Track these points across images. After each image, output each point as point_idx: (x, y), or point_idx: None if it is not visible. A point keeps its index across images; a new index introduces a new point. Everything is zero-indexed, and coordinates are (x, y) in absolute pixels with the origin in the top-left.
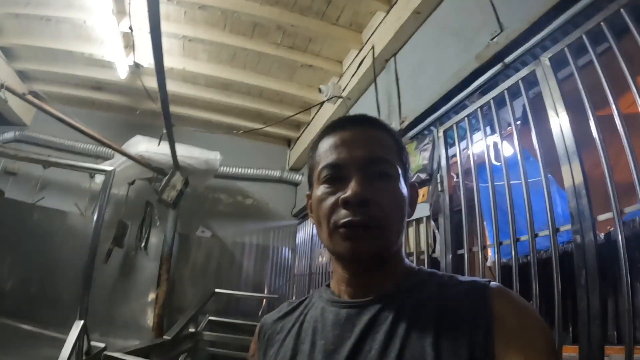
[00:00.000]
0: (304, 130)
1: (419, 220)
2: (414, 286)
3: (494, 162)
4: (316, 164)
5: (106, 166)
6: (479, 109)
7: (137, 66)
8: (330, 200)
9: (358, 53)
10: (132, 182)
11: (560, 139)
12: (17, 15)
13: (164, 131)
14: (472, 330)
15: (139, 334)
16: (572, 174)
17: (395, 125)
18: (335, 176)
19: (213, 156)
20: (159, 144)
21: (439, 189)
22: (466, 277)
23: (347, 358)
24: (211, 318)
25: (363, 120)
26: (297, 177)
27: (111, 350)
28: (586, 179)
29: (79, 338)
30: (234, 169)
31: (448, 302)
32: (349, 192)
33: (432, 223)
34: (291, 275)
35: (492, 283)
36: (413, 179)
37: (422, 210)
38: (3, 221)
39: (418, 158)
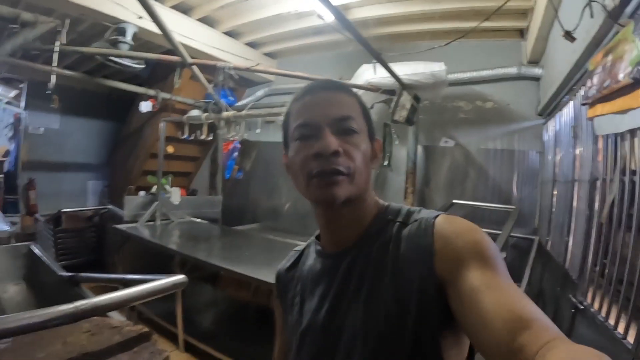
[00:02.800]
0: (531, 18)
1: None
2: (380, 229)
3: None
4: (289, 126)
5: None
6: None
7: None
8: (304, 154)
9: None
10: (371, 107)
11: None
12: (222, 6)
13: (374, 61)
14: (420, 263)
15: None
16: None
17: (608, 2)
18: (307, 134)
19: (438, 67)
20: (374, 72)
21: None
22: (422, 213)
23: (333, 301)
24: None
25: (328, 85)
26: (537, 70)
27: None
28: None
29: None
30: (467, 74)
31: (403, 241)
32: (319, 146)
33: None
34: (539, 181)
35: (436, 219)
36: (633, 74)
37: None
38: (270, 160)
39: (637, 45)
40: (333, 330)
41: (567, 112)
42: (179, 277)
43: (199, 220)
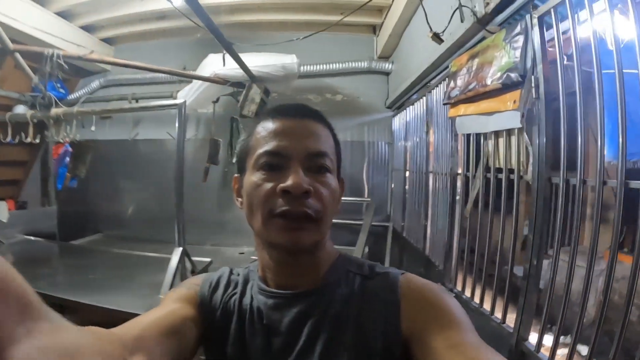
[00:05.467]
0: (386, 15)
1: (510, 132)
2: (339, 280)
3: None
4: (252, 149)
5: (176, 100)
6: None
7: None
8: (267, 187)
9: None
10: (217, 100)
11: None
12: None
13: (224, 52)
14: (385, 320)
15: (247, 240)
16: None
17: (479, 9)
18: (274, 164)
19: (289, 60)
20: (223, 64)
21: (534, 95)
22: (383, 269)
23: (278, 355)
24: None
25: (305, 112)
26: (387, 65)
27: (217, 263)
28: None
29: (181, 261)
30: (318, 66)
31: (367, 295)
32: (289, 182)
33: (525, 137)
34: (389, 170)
35: (402, 276)
36: (502, 80)
37: (511, 120)
38: (108, 160)
39: (508, 52)
40: None
41: (420, 106)
42: None
43: (33, 238)
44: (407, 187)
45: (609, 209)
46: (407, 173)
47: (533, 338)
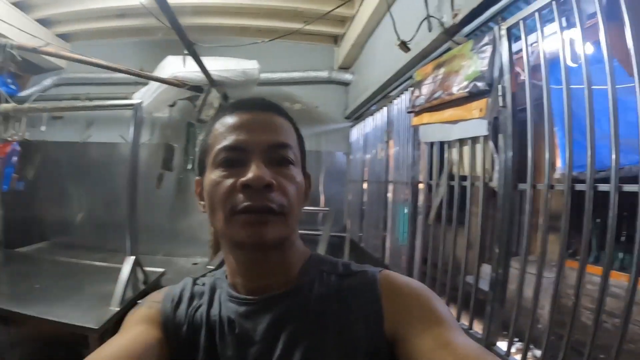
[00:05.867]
0: (349, 25)
1: (475, 140)
2: (313, 279)
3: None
4: (210, 147)
5: (133, 100)
6: (553, 1)
7: None
8: (227, 183)
9: None
10: (173, 104)
11: None
12: None
13: (185, 52)
14: (367, 321)
15: (200, 250)
16: None
17: (447, 19)
18: (234, 159)
19: (251, 66)
20: (184, 65)
21: (500, 103)
22: (359, 267)
23: (256, 358)
24: None
25: (265, 105)
26: (347, 76)
27: (171, 273)
28: None
29: (133, 271)
30: (278, 74)
31: (345, 296)
32: (250, 175)
33: (491, 145)
34: (346, 181)
35: (380, 273)
36: (469, 88)
37: (478, 127)
38: (58, 163)
39: (475, 62)
40: None
41: (380, 117)
42: None
43: None
44: (365, 197)
45: (558, 219)
46: (366, 184)
47: (502, 343)
